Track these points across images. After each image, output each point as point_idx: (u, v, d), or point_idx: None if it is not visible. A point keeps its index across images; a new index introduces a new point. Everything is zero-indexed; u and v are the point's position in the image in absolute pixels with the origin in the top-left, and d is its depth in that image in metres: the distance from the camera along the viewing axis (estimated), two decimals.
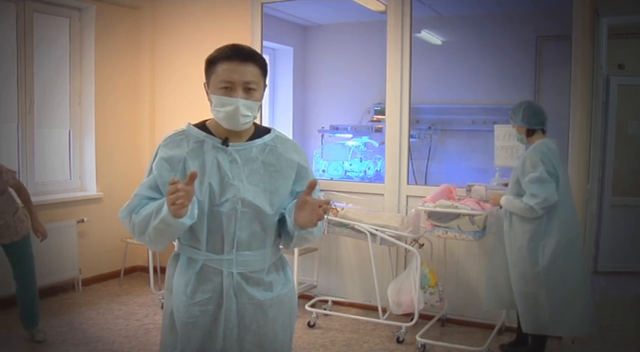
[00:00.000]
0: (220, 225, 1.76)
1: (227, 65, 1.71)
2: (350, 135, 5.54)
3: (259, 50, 4.66)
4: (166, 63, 5.30)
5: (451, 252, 4.17)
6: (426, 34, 5.45)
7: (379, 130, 5.22)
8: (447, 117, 5.51)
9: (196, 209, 1.69)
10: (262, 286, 1.83)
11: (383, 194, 4.43)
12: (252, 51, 1.76)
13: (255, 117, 1.79)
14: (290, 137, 1.95)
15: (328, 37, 6.07)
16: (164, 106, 5.33)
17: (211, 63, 1.75)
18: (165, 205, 1.62)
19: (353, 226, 3.94)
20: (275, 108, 6.06)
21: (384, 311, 4.00)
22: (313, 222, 1.73)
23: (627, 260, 5.53)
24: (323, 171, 5.43)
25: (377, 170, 5.45)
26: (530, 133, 3.42)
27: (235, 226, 1.76)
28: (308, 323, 4.14)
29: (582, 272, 3.38)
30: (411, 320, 3.75)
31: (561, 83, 4.09)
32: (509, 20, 5.21)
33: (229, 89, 1.72)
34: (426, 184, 5.14)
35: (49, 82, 4.77)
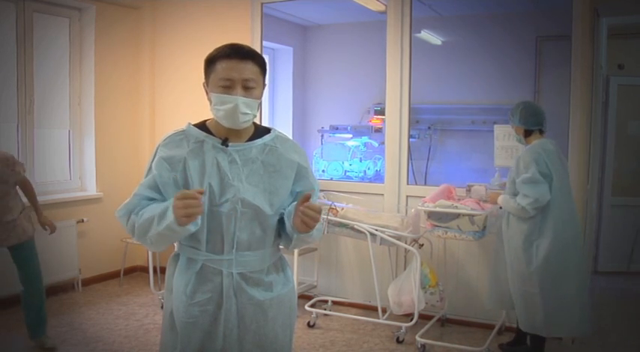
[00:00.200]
0: (220, 226, 1.76)
1: (226, 63, 1.72)
2: (350, 135, 5.54)
3: (259, 50, 4.65)
4: (166, 63, 5.30)
5: (451, 252, 4.17)
6: (426, 34, 5.45)
7: (379, 130, 5.22)
8: (447, 117, 5.51)
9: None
10: (262, 286, 1.83)
11: (383, 194, 4.43)
12: (251, 50, 1.77)
13: (254, 115, 1.79)
14: (290, 137, 1.95)
15: (328, 37, 6.07)
16: (164, 106, 5.33)
17: (211, 62, 1.75)
18: (169, 211, 1.63)
19: (353, 226, 3.94)
20: (275, 108, 6.06)
21: (384, 311, 4.00)
22: (310, 228, 1.74)
23: (627, 260, 5.53)
24: (323, 171, 5.43)
25: (377, 170, 5.45)
26: (527, 134, 3.42)
27: (235, 226, 1.77)
28: (308, 323, 4.14)
29: (581, 273, 3.36)
30: (411, 320, 3.75)
31: (561, 83, 4.08)
32: (509, 20, 5.21)
33: (229, 87, 1.72)
34: (426, 184, 5.14)
35: (49, 82, 4.77)
